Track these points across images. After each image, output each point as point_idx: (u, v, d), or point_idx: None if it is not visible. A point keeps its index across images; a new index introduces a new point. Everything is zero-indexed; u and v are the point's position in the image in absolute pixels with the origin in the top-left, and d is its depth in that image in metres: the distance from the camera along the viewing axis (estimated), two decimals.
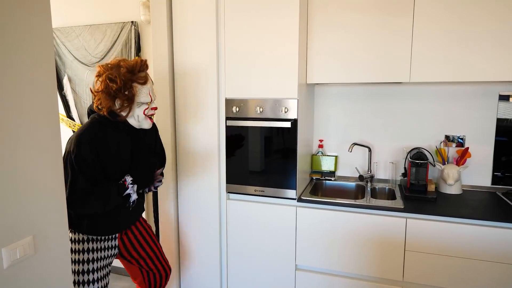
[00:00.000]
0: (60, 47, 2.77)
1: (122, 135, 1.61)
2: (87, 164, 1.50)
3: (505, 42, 1.77)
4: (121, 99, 1.54)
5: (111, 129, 1.58)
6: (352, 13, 1.97)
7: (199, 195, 2.19)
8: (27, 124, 1.11)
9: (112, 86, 1.50)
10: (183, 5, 2.07)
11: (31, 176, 1.13)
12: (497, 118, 2.09)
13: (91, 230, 1.61)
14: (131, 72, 1.54)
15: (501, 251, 1.67)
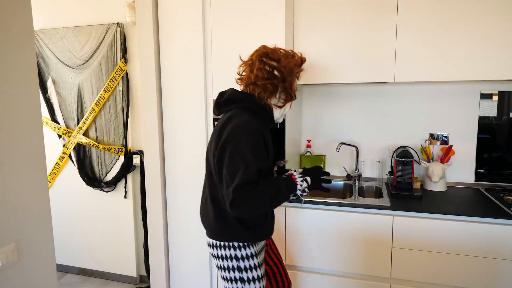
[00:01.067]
0: (44, 49, 2.73)
1: (268, 128, 1.42)
2: (260, 153, 1.29)
3: (486, 42, 1.81)
4: (283, 92, 1.40)
5: (261, 121, 1.39)
6: (337, 15, 1.99)
7: (188, 197, 2.18)
8: (7, 128, 1.09)
9: (279, 76, 1.37)
10: (169, 6, 2.06)
11: (13, 182, 1.11)
12: (479, 116, 2.14)
13: (256, 235, 1.41)
14: (299, 65, 1.42)
15: (485, 245, 1.71)
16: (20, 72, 1.12)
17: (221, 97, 1.43)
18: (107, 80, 2.58)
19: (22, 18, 1.13)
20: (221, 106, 1.43)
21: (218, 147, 1.30)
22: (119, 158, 2.67)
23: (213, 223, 1.41)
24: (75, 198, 2.86)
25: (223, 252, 1.40)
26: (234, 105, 1.39)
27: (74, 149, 2.77)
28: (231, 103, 1.39)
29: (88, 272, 2.94)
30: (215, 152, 1.33)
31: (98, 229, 2.84)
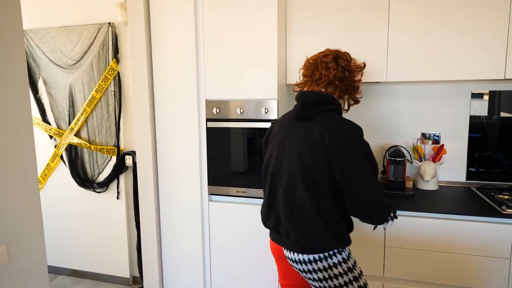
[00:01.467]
0: (34, 49, 2.70)
1: None
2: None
3: (477, 42, 1.83)
4: (352, 94, 1.43)
5: None
6: (329, 15, 2.00)
7: (180, 197, 2.17)
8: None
9: (349, 77, 1.39)
10: (160, 6, 2.05)
11: (3, 183, 1.10)
12: (470, 115, 2.16)
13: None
14: (361, 69, 1.45)
15: (476, 244, 1.73)
16: (9, 72, 1.11)
17: (306, 99, 1.34)
18: (99, 80, 2.56)
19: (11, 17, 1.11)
20: (309, 108, 1.32)
21: (336, 154, 1.23)
22: (111, 159, 2.65)
23: (322, 237, 1.29)
24: (67, 199, 2.84)
25: (333, 260, 1.31)
26: (324, 107, 1.32)
27: (65, 150, 2.75)
28: (321, 105, 1.32)
29: (80, 273, 2.92)
30: (329, 159, 1.24)
31: (90, 230, 2.82)
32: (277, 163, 1.39)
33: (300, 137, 1.31)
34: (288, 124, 1.40)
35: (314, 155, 1.27)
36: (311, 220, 1.29)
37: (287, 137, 1.37)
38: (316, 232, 1.29)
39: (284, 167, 1.35)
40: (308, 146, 1.28)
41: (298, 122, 1.35)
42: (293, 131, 1.35)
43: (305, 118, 1.33)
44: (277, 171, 1.39)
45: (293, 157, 1.31)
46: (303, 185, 1.29)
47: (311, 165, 1.27)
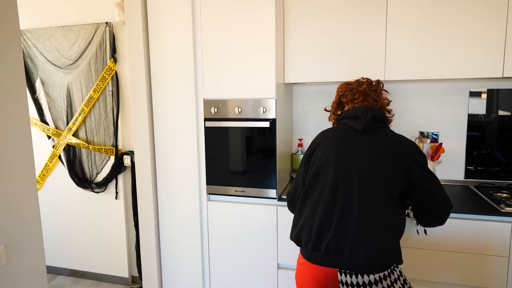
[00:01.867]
0: (32, 49, 2.69)
1: None
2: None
3: (475, 41, 1.83)
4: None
5: None
6: (327, 13, 1.99)
7: (179, 197, 2.17)
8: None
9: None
10: (158, 5, 2.05)
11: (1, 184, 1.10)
12: (468, 114, 2.17)
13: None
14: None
15: (474, 242, 1.73)
16: (6, 73, 1.11)
17: (376, 112, 1.39)
18: (97, 80, 2.56)
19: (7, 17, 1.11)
20: (374, 123, 1.37)
21: (413, 164, 1.28)
22: (109, 159, 2.65)
23: (393, 251, 1.23)
24: (65, 199, 2.83)
25: (394, 276, 1.28)
26: (383, 125, 1.40)
27: (64, 150, 2.74)
28: (383, 122, 1.41)
29: (79, 273, 2.92)
30: (405, 170, 1.27)
31: (89, 230, 2.81)
32: (343, 176, 1.29)
33: (374, 149, 1.30)
34: (345, 137, 1.36)
35: (392, 166, 1.27)
36: (386, 233, 1.24)
37: (351, 151, 1.32)
38: (390, 246, 1.23)
39: (355, 180, 1.28)
40: (386, 158, 1.28)
41: (360, 136, 1.34)
42: (360, 144, 1.32)
43: (366, 130, 1.35)
44: (343, 185, 1.29)
45: (371, 169, 1.28)
46: (382, 197, 1.25)
47: (390, 176, 1.27)
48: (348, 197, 1.27)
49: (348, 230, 1.25)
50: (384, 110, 1.47)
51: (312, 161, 1.41)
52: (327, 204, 1.30)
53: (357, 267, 1.24)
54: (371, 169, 1.27)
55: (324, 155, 1.36)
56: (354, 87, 1.49)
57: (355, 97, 1.46)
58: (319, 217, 1.30)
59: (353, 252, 1.23)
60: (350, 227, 1.25)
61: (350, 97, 1.47)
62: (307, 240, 1.31)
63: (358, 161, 1.29)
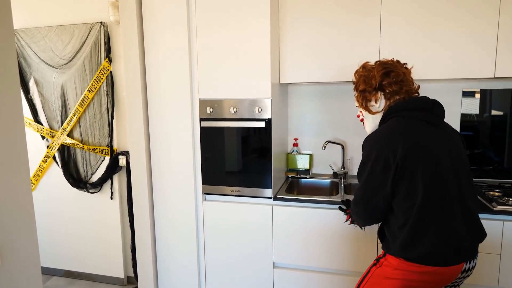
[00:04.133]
0: (25, 49, 2.67)
1: None
2: None
3: (467, 41, 1.85)
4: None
5: None
6: (322, 13, 2.01)
7: (175, 197, 2.17)
8: None
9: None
10: (153, 5, 2.04)
11: None
12: (461, 113, 2.19)
13: None
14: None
15: None
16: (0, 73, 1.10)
17: (439, 106, 1.35)
18: (91, 80, 2.54)
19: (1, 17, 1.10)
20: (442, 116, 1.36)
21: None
22: (104, 159, 2.64)
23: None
24: (60, 200, 2.81)
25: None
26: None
27: (58, 150, 2.73)
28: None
29: (74, 274, 2.90)
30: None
31: (84, 231, 2.80)
32: (452, 171, 1.26)
33: (451, 140, 1.31)
34: (429, 134, 1.27)
35: (464, 152, 1.35)
36: (477, 214, 1.33)
37: (440, 144, 1.27)
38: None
39: (459, 170, 1.28)
40: (460, 146, 1.34)
41: (436, 129, 1.30)
42: (441, 136, 1.29)
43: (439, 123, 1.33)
44: (455, 178, 1.26)
45: (462, 158, 1.31)
46: (471, 181, 1.34)
47: (467, 162, 1.34)
48: (461, 194, 1.26)
49: (476, 220, 1.30)
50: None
51: (409, 170, 1.20)
52: (452, 211, 1.24)
53: (475, 251, 1.29)
54: (464, 159, 1.31)
55: (426, 161, 1.21)
56: (397, 68, 1.36)
57: (402, 80, 1.34)
58: (452, 224, 1.23)
59: (475, 238, 1.28)
60: (476, 216, 1.30)
61: (397, 78, 1.33)
62: (446, 251, 1.22)
63: (451, 155, 1.27)
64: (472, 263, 1.28)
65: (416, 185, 1.20)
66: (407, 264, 1.23)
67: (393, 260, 1.27)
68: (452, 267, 1.23)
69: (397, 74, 1.33)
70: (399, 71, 1.35)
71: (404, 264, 1.23)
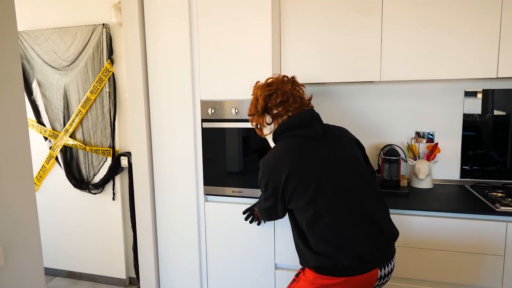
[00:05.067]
0: (28, 51, 2.69)
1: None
2: None
3: (470, 41, 1.84)
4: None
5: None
6: (323, 14, 2.00)
7: (176, 198, 2.17)
8: None
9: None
10: (155, 7, 2.05)
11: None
12: (463, 113, 2.18)
13: None
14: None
15: (470, 241, 1.74)
16: (4, 74, 1.11)
17: (319, 122, 1.37)
18: (94, 81, 2.55)
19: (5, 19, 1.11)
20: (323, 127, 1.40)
21: (361, 149, 1.44)
22: (106, 160, 2.65)
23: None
24: (63, 200, 2.82)
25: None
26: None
27: (60, 151, 2.74)
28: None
29: (76, 275, 2.91)
30: (362, 154, 1.43)
31: (86, 232, 2.81)
32: (340, 180, 1.27)
33: (336, 148, 1.32)
34: (306, 149, 1.29)
35: (358, 153, 1.38)
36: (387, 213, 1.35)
37: (322, 158, 1.28)
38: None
39: (348, 176, 1.29)
40: (349, 150, 1.36)
41: (319, 142, 1.31)
42: (323, 149, 1.30)
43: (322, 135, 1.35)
44: (344, 194, 1.27)
45: (352, 162, 1.32)
46: (369, 180, 1.34)
47: (361, 162, 1.36)
48: (353, 200, 1.26)
49: (382, 223, 1.28)
50: (310, 105, 1.45)
51: (292, 190, 1.26)
52: (345, 220, 1.25)
53: (387, 255, 1.28)
54: (350, 163, 1.32)
55: (305, 180, 1.25)
56: (279, 88, 1.38)
57: (286, 100, 1.36)
58: (348, 233, 1.24)
59: (392, 240, 1.29)
60: (382, 219, 1.29)
61: (280, 99, 1.35)
62: (349, 262, 1.23)
63: (336, 165, 1.29)
64: (388, 267, 1.29)
65: (305, 204, 1.25)
66: (321, 277, 1.26)
67: (309, 274, 1.30)
68: (363, 275, 1.24)
69: (278, 96, 1.35)
70: (283, 90, 1.36)
71: (318, 277, 1.27)
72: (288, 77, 1.45)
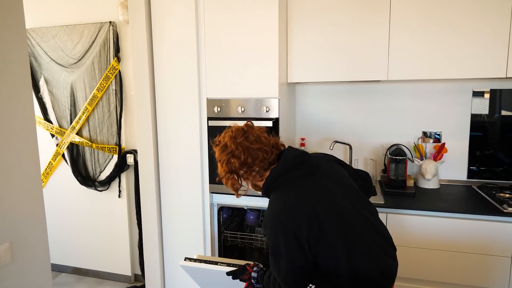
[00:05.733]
0: (36, 48, 2.70)
1: None
2: None
3: (478, 41, 1.83)
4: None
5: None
6: (330, 13, 2.00)
7: (182, 196, 2.18)
8: (0, 128, 1.09)
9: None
10: (162, 5, 2.05)
11: (6, 181, 1.11)
12: (471, 114, 2.16)
13: None
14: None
15: (477, 242, 1.73)
16: (12, 72, 1.12)
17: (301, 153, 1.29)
18: (100, 79, 2.56)
19: (14, 17, 1.12)
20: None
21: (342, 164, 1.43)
22: (112, 157, 2.66)
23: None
24: (69, 197, 2.84)
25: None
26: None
27: (67, 148, 2.75)
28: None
29: (82, 271, 2.93)
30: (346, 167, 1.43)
31: (92, 229, 2.82)
32: (350, 207, 1.22)
33: (331, 176, 1.29)
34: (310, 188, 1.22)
35: (343, 171, 1.37)
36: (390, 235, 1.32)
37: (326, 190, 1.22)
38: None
39: (352, 199, 1.25)
40: (341, 173, 1.34)
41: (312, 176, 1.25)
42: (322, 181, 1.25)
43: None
44: (355, 211, 1.22)
45: (347, 185, 1.29)
46: (363, 198, 1.31)
47: (350, 181, 1.34)
48: (367, 220, 1.22)
49: (385, 240, 1.25)
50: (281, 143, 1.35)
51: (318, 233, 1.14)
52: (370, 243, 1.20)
53: (396, 267, 1.26)
54: (347, 186, 1.28)
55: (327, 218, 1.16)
56: (233, 151, 1.26)
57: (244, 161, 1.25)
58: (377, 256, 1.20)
59: (395, 253, 1.27)
60: (386, 239, 1.26)
61: (238, 164, 1.25)
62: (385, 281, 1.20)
63: (339, 191, 1.24)
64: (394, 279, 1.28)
65: (332, 241, 1.14)
66: None
67: None
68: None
69: (235, 161, 1.25)
70: (236, 153, 1.26)
71: None
72: (233, 131, 1.30)
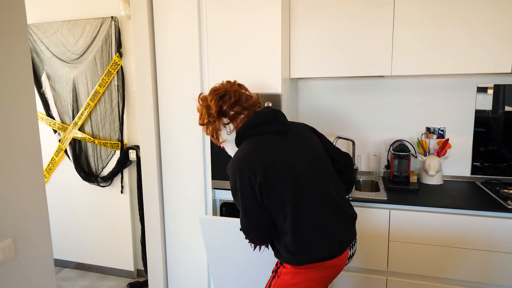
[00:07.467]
0: (37, 44, 2.70)
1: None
2: None
3: (482, 36, 1.81)
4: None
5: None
6: (333, 8, 1.98)
7: (184, 191, 2.18)
8: (3, 124, 1.08)
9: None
10: (164, 0, 2.04)
11: (9, 177, 1.11)
12: (475, 109, 2.15)
13: None
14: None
15: (481, 238, 1.73)
16: (14, 67, 1.11)
17: (279, 114, 1.36)
18: (102, 74, 2.56)
19: (15, 12, 1.11)
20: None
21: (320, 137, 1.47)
22: (115, 153, 2.66)
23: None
24: (72, 193, 2.85)
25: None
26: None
27: (69, 144, 2.76)
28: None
29: (85, 266, 2.94)
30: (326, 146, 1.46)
31: (95, 224, 2.83)
32: (309, 172, 1.27)
33: (301, 140, 1.35)
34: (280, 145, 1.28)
35: (319, 142, 1.43)
36: (351, 212, 1.38)
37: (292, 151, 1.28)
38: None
39: (315, 166, 1.30)
40: (313, 138, 1.41)
41: (284, 137, 1.32)
42: (291, 142, 1.31)
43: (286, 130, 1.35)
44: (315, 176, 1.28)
45: (315, 152, 1.34)
46: (331, 170, 1.37)
47: (324, 151, 1.41)
48: (325, 187, 1.29)
49: (345, 210, 1.33)
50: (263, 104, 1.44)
51: (271, 186, 1.21)
52: (323, 209, 1.26)
53: (355, 233, 1.37)
54: (314, 153, 1.34)
55: (284, 175, 1.22)
56: (228, 90, 1.36)
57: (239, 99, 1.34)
58: (327, 221, 1.26)
59: (352, 223, 1.35)
60: (344, 209, 1.32)
61: (233, 99, 1.33)
62: (330, 247, 1.26)
63: (304, 157, 1.30)
64: (354, 246, 1.38)
65: (282, 198, 1.22)
66: (304, 267, 1.26)
67: (289, 266, 1.29)
68: (340, 256, 1.29)
69: (231, 96, 1.34)
70: (233, 90, 1.35)
71: (301, 267, 1.26)
72: (232, 81, 1.43)
